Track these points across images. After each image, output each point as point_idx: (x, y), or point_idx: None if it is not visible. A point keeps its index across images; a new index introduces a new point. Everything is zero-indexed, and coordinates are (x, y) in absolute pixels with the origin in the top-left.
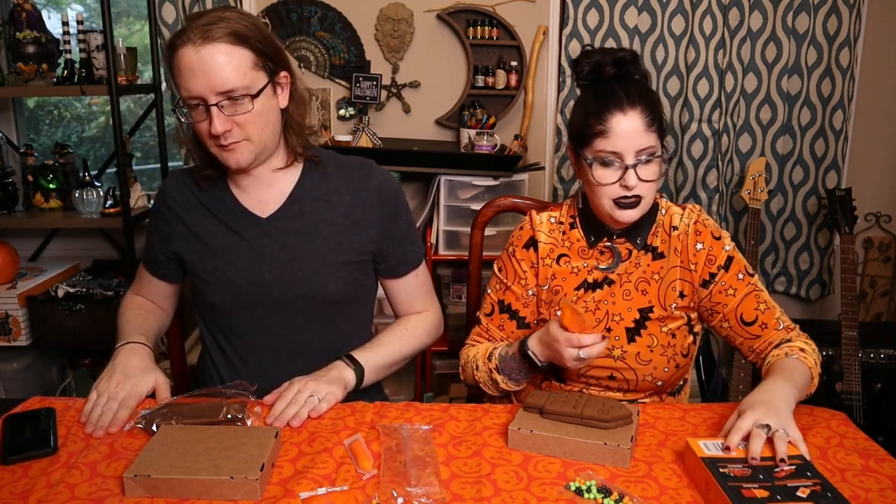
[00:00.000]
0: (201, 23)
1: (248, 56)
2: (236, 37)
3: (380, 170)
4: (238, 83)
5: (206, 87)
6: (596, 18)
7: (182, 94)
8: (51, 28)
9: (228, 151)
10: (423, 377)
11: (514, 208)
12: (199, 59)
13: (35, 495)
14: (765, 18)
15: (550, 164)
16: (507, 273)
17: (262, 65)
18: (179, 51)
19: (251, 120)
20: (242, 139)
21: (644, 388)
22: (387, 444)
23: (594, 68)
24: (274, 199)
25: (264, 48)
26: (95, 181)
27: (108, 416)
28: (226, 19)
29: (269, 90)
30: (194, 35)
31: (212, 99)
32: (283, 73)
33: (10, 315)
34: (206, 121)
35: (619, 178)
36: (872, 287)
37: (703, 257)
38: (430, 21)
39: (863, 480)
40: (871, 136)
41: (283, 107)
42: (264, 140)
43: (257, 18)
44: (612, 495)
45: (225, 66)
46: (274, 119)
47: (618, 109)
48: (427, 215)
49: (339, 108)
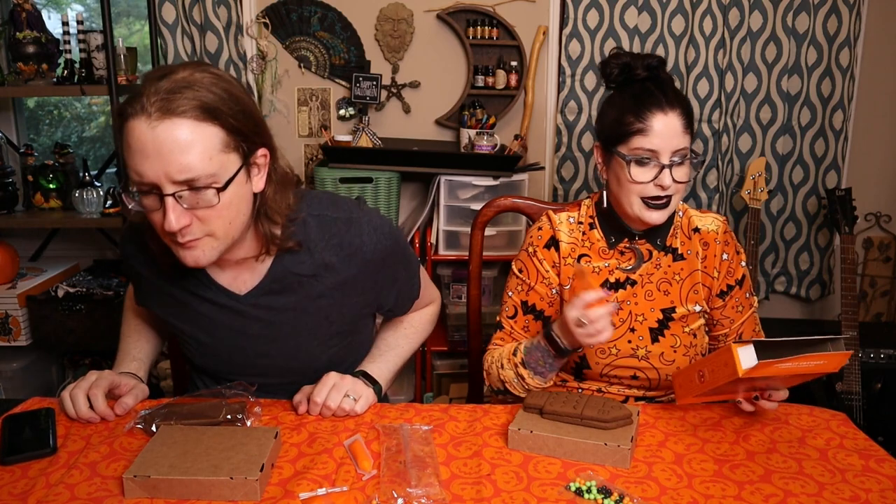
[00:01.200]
0: (162, 88)
1: (217, 135)
2: (204, 111)
3: (370, 224)
4: (202, 170)
5: (160, 173)
6: (596, 18)
7: (132, 177)
8: (51, 28)
9: (186, 249)
10: (423, 377)
11: (514, 208)
12: (153, 137)
13: (34, 496)
14: (765, 18)
15: (550, 164)
16: (528, 274)
17: (234, 145)
18: (130, 122)
19: (215, 214)
20: (204, 235)
21: (665, 387)
22: (387, 444)
23: (623, 70)
24: (252, 276)
25: (239, 123)
26: (95, 181)
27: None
28: (194, 86)
29: (241, 176)
30: (151, 105)
31: (167, 188)
32: (261, 152)
33: (10, 315)
34: (159, 211)
35: (654, 177)
36: (872, 287)
37: (725, 268)
38: (430, 21)
39: (863, 481)
40: (871, 136)
41: (258, 191)
42: (231, 235)
43: (235, 83)
44: (613, 496)
45: (186, 149)
46: (245, 209)
47: (658, 109)
48: (427, 215)
49: (339, 108)
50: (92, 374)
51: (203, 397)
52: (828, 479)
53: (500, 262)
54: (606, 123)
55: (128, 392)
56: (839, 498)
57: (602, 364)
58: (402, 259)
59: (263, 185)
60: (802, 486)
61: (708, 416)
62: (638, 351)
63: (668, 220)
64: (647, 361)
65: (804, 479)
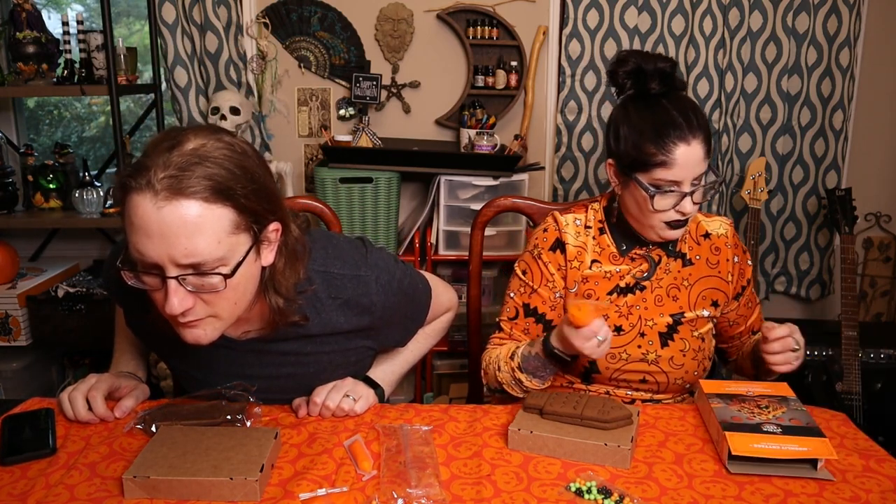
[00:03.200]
0: (172, 163)
1: (227, 217)
2: (215, 192)
3: (378, 282)
4: (209, 255)
5: (164, 255)
6: (596, 18)
7: (133, 254)
8: (51, 28)
9: (187, 328)
10: (423, 377)
11: (514, 208)
12: (158, 218)
13: (34, 496)
14: (765, 18)
15: (550, 164)
16: (532, 276)
17: (245, 226)
18: (135, 197)
19: (222, 297)
20: (207, 316)
21: (673, 391)
22: (387, 444)
23: (634, 80)
24: (251, 328)
25: (252, 203)
26: (95, 181)
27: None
28: (205, 162)
29: (251, 256)
30: (158, 182)
31: (171, 271)
32: (272, 227)
33: (10, 315)
34: (160, 291)
35: (675, 204)
36: (872, 287)
37: (737, 271)
38: (430, 21)
39: (863, 481)
40: (871, 136)
41: (268, 264)
42: (236, 314)
43: (250, 152)
44: (613, 496)
45: (194, 233)
46: (252, 288)
47: (681, 140)
48: (427, 215)
49: (339, 108)
50: (91, 377)
51: (203, 398)
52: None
53: (500, 262)
54: (624, 147)
55: (128, 394)
56: (839, 498)
57: (612, 369)
58: (410, 304)
59: (273, 259)
60: (802, 486)
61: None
62: (648, 355)
63: None
64: (657, 366)
65: (804, 479)
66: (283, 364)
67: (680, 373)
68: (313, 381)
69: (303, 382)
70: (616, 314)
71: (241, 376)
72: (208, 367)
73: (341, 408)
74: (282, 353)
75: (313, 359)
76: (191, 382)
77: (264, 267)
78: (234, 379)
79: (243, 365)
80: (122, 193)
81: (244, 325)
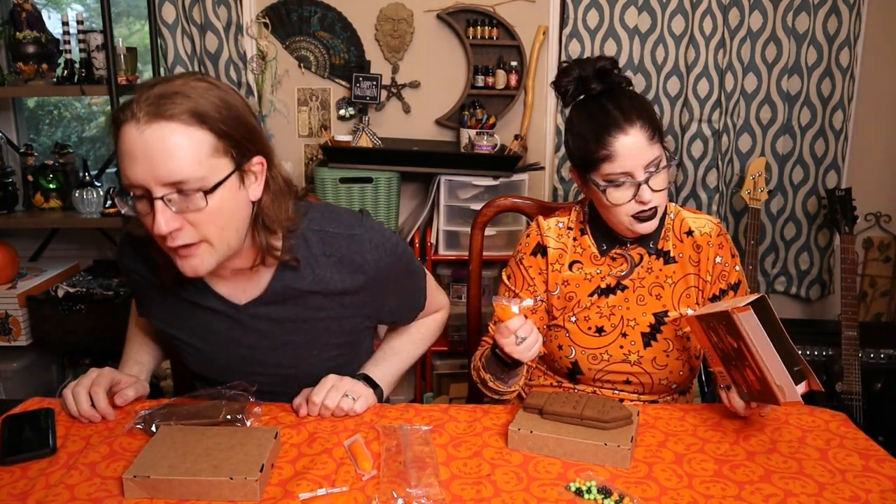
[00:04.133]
0: (154, 94)
1: (206, 140)
2: (193, 115)
3: (372, 241)
4: (190, 173)
5: (149, 175)
6: (596, 18)
7: (123, 182)
8: (51, 28)
9: (182, 257)
10: (423, 377)
11: (514, 208)
12: (142, 140)
13: (34, 496)
14: (765, 18)
15: (550, 164)
16: (515, 281)
17: (224, 150)
18: (122, 128)
19: (206, 219)
20: (199, 240)
21: (659, 391)
22: (387, 444)
23: (578, 86)
24: (252, 287)
25: (230, 128)
26: (95, 181)
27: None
28: (186, 93)
29: (232, 181)
30: (140, 111)
31: (157, 191)
32: (256, 160)
33: (10, 315)
34: (150, 215)
35: (634, 195)
36: (872, 287)
37: (718, 272)
38: (430, 21)
39: (863, 481)
40: (871, 136)
41: (255, 199)
42: (227, 241)
43: (232, 91)
44: (613, 496)
45: (174, 152)
46: (239, 216)
47: (618, 130)
48: (427, 215)
49: (339, 108)
50: (93, 372)
51: (203, 398)
52: (828, 479)
53: (500, 262)
54: (572, 151)
55: (129, 386)
56: (839, 498)
57: (594, 370)
58: (405, 273)
59: (260, 194)
60: (802, 486)
61: (708, 416)
62: (630, 356)
63: (660, 223)
64: (640, 366)
65: (804, 479)
66: (282, 332)
67: (664, 373)
68: (311, 351)
69: (301, 354)
70: (597, 315)
71: (243, 346)
72: (211, 337)
73: (340, 407)
74: (279, 321)
75: (310, 325)
76: (195, 356)
77: (253, 203)
78: (237, 350)
79: (245, 333)
80: (115, 128)
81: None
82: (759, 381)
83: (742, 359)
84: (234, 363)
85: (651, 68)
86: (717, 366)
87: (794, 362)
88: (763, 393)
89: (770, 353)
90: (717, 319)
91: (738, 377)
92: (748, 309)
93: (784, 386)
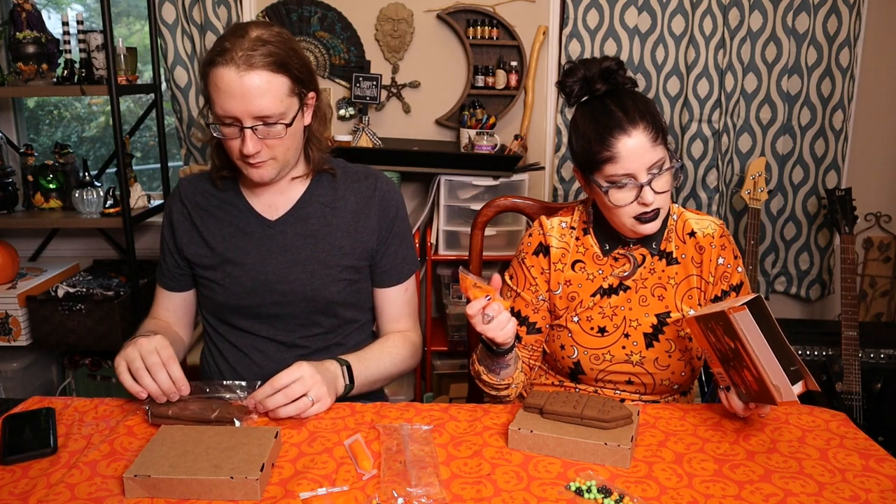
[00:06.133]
0: (245, 46)
1: (286, 84)
2: (278, 65)
3: (386, 180)
4: (275, 110)
5: (243, 110)
6: (596, 18)
7: (216, 112)
8: (51, 28)
9: (255, 168)
10: (423, 377)
11: (514, 208)
12: (240, 83)
13: (35, 495)
14: (765, 18)
15: (550, 164)
16: (517, 280)
17: (296, 91)
18: (220, 69)
19: (279, 143)
20: (269, 158)
21: (661, 392)
22: (387, 444)
23: (583, 86)
24: (283, 203)
25: (301, 75)
26: (95, 181)
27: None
28: (268, 44)
29: (300, 114)
30: (238, 58)
31: (247, 122)
32: (311, 95)
33: (10, 315)
34: (237, 139)
35: (636, 196)
36: (872, 287)
37: (720, 273)
38: (430, 21)
39: (863, 481)
40: (871, 136)
41: (307, 124)
42: (288, 158)
43: (293, 39)
44: (613, 495)
45: (265, 94)
46: (299, 138)
47: (621, 132)
48: (427, 215)
49: (339, 108)
50: (142, 342)
51: (203, 397)
52: (828, 479)
53: (500, 262)
54: (576, 151)
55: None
56: (839, 498)
57: (596, 370)
58: (404, 220)
59: (311, 120)
60: (802, 485)
61: (708, 416)
62: (632, 357)
63: (662, 224)
64: (642, 367)
65: (804, 478)
66: (304, 247)
67: (666, 374)
68: (325, 270)
69: (317, 270)
70: (600, 315)
71: (269, 261)
72: (243, 257)
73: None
74: (303, 235)
75: (327, 242)
76: (224, 280)
77: (305, 127)
78: (263, 266)
79: (271, 249)
80: (209, 68)
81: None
82: (756, 381)
83: (740, 359)
84: (259, 283)
85: (651, 68)
86: (716, 367)
87: (790, 362)
88: (761, 393)
89: (766, 352)
90: (715, 320)
91: (736, 378)
92: (744, 308)
93: (780, 385)
